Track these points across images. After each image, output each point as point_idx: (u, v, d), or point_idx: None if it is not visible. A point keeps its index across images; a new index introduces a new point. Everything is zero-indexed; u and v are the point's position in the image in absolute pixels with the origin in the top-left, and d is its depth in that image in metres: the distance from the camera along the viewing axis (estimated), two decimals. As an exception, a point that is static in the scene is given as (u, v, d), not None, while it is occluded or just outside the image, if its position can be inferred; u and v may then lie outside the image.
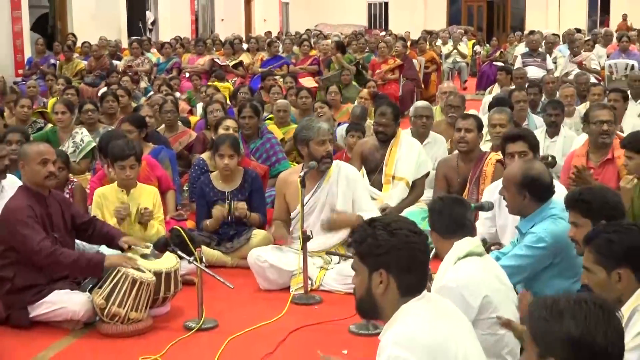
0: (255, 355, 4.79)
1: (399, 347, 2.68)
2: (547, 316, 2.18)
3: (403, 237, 2.81)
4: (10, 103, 10.51)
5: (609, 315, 2.15)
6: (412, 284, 2.83)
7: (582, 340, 2.10)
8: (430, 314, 2.80)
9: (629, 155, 5.24)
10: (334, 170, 6.17)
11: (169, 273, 5.31)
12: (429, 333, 2.71)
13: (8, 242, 5.18)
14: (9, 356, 4.83)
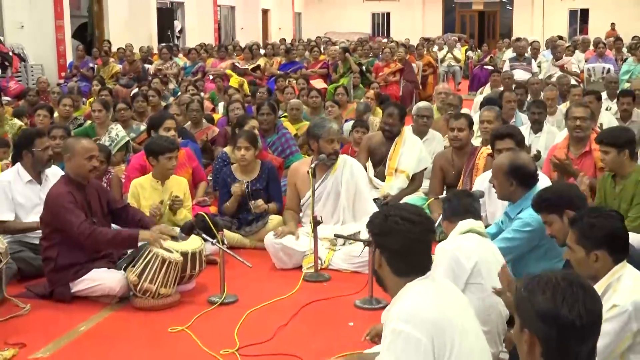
0: (271, 326, 4.78)
1: (403, 322, 2.68)
2: (524, 292, 2.19)
3: (393, 224, 2.83)
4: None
5: (579, 291, 2.13)
6: (403, 266, 2.85)
7: (548, 314, 2.10)
8: (432, 292, 2.80)
9: (605, 150, 5.20)
10: (340, 163, 6.20)
11: (195, 253, 5.32)
12: (430, 310, 2.71)
13: (52, 225, 5.21)
14: (54, 327, 4.84)
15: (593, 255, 3.15)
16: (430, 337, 2.65)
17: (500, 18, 36.16)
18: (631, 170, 5.20)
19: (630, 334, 3.05)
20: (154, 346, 4.59)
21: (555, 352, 2.12)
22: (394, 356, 2.69)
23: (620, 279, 3.12)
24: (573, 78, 12.99)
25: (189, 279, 5.39)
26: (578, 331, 2.11)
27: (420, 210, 3.00)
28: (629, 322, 3.02)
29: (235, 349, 4.44)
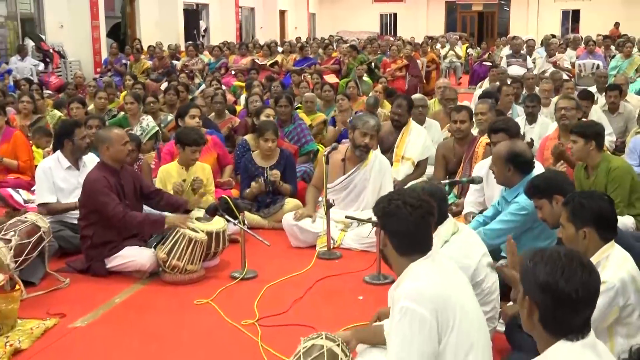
0: (288, 299, 4.80)
1: (409, 301, 2.69)
2: (529, 263, 2.21)
3: (396, 207, 2.84)
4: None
5: (578, 267, 2.14)
6: (406, 246, 2.85)
7: (547, 284, 2.13)
8: (434, 272, 2.80)
9: (574, 139, 5.16)
10: (372, 158, 6.19)
11: (218, 233, 5.33)
12: (433, 288, 2.71)
13: (89, 207, 5.23)
14: (91, 299, 4.87)
15: (582, 232, 3.15)
16: (434, 314, 2.66)
17: (498, 18, 35.94)
18: (599, 160, 5.15)
19: (617, 308, 3.05)
20: (181, 317, 4.60)
21: (551, 319, 2.14)
22: (403, 332, 2.69)
23: (609, 257, 3.13)
24: (565, 73, 12.94)
25: (213, 256, 5.41)
26: (573, 303, 2.12)
27: (422, 194, 2.99)
28: (616, 297, 3.02)
29: (255, 320, 4.46)
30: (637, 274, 3.11)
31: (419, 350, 2.66)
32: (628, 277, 3.05)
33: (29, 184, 7.05)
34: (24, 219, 5.17)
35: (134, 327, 4.46)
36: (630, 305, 3.06)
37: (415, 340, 2.66)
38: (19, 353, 4.04)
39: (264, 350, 4.04)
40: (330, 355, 3.13)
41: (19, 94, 10.19)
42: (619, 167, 5.09)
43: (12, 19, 17.42)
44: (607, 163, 5.11)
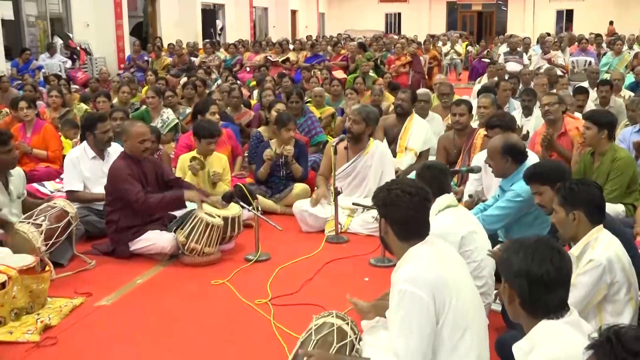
0: (299, 280, 4.81)
1: (408, 283, 2.68)
2: (506, 253, 2.25)
3: (394, 196, 2.84)
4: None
5: (547, 251, 2.19)
6: (405, 231, 2.84)
7: (521, 270, 2.17)
8: (431, 256, 2.79)
9: (588, 126, 5.17)
10: (373, 147, 6.20)
11: (234, 218, 5.34)
12: (431, 271, 2.71)
13: (114, 193, 5.25)
14: (116, 279, 4.90)
15: (572, 215, 3.14)
16: (431, 295, 2.65)
17: (496, 17, 35.83)
18: (607, 149, 5.16)
19: (605, 286, 3.05)
20: (199, 296, 4.62)
21: (530, 301, 2.19)
22: (401, 313, 2.69)
23: (597, 239, 3.12)
24: (559, 69, 12.86)
25: (229, 240, 5.42)
26: (547, 284, 2.16)
27: (418, 183, 2.99)
28: (603, 274, 3.02)
29: (267, 299, 4.47)
30: (623, 254, 3.11)
31: (418, 330, 2.65)
32: (614, 256, 3.05)
33: (58, 173, 7.07)
34: (54, 205, 5.19)
35: (155, 306, 4.48)
36: (617, 283, 3.06)
37: (414, 321, 2.65)
38: (48, 329, 4.06)
39: (276, 327, 4.05)
40: (340, 333, 3.13)
41: (49, 88, 10.20)
42: (623, 158, 5.10)
43: (42, 18, 17.44)
44: (614, 152, 5.13)
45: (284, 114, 6.72)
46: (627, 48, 16.08)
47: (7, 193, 5.07)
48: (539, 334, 2.13)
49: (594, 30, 23.76)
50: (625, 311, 3.11)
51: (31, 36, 16.94)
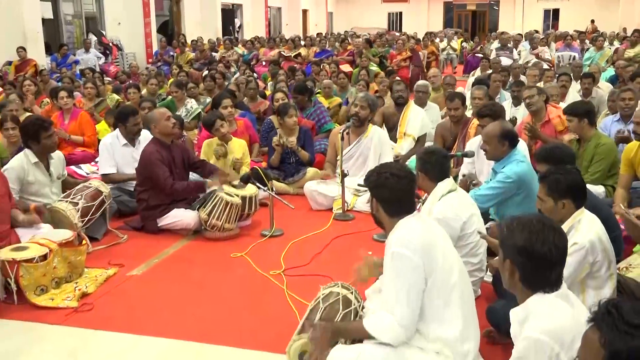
0: (309, 254, 4.82)
1: (400, 246, 2.71)
2: (507, 229, 2.20)
3: (382, 179, 2.86)
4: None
5: (550, 231, 2.15)
6: (395, 209, 2.87)
7: (525, 247, 2.12)
8: (419, 224, 2.82)
9: (569, 119, 5.18)
10: (372, 131, 6.20)
11: (251, 197, 5.34)
12: (420, 236, 2.74)
13: (144, 175, 5.27)
14: (146, 252, 4.92)
15: (560, 204, 3.11)
16: (420, 257, 2.67)
17: (488, 16, 35.45)
18: (592, 134, 5.13)
19: (588, 265, 3.04)
20: (220, 267, 4.64)
21: (530, 277, 2.15)
22: (394, 273, 2.72)
23: (580, 221, 3.09)
24: (546, 63, 12.76)
25: (247, 217, 5.43)
26: (548, 262, 2.13)
27: (404, 166, 3.01)
28: (586, 255, 3.01)
29: (281, 271, 4.48)
30: (603, 234, 3.09)
31: (408, 288, 2.67)
32: (596, 238, 3.03)
33: (93, 156, 7.09)
34: (89, 185, 5.21)
35: (180, 276, 4.50)
36: (598, 262, 3.04)
37: (405, 280, 2.67)
38: (86, 296, 4.10)
39: (289, 296, 4.06)
40: (345, 301, 3.14)
41: (84, 81, 10.20)
42: (606, 144, 5.08)
43: (78, 17, 17.41)
44: (597, 139, 5.10)
45: (284, 104, 6.70)
46: (608, 44, 15.90)
47: (48, 174, 5.09)
48: (535, 305, 2.11)
49: (578, 28, 23.57)
50: (606, 286, 3.10)
51: (68, 33, 16.94)
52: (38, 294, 3.99)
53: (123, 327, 3.68)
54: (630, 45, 13.93)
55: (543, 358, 1.98)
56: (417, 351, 2.73)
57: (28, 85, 9.25)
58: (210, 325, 3.70)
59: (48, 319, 3.79)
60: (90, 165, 6.82)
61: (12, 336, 3.61)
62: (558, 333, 1.99)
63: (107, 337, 3.59)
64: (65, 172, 5.50)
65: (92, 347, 3.49)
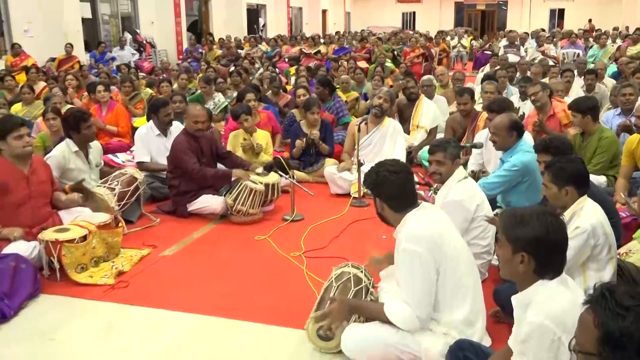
0: (327, 237, 4.82)
1: (409, 242, 2.68)
2: (516, 223, 2.12)
3: (381, 177, 2.82)
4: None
5: (556, 221, 2.12)
6: (399, 204, 2.82)
7: (543, 238, 2.07)
8: (425, 217, 2.78)
9: (574, 115, 5.10)
10: (387, 123, 6.28)
11: (274, 185, 5.34)
12: (428, 229, 2.70)
13: (174, 163, 5.28)
14: (177, 234, 4.95)
15: (564, 191, 3.08)
16: (429, 250, 2.65)
17: (497, 15, 34.97)
18: (595, 129, 5.06)
19: (589, 248, 3.01)
20: (244, 249, 4.66)
21: (543, 265, 2.10)
22: (407, 269, 2.69)
23: (583, 208, 3.07)
24: (551, 60, 12.58)
25: (269, 203, 5.43)
26: (559, 248, 2.11)
27: (399, 162, 2.95)
28: (588, 239, 2.98)
29: (301, 252, 4.49)
30: (604, 220, 3.06)
31: (421, 281, 2.66)
32: (597, 223, 3.00)
33: (128, 146, 7.14)
34: (125, 172, 5.25)
35: (208, 256, 4.52)
36: (599, 245, 3.02)
37: (417, 273, 2.66)
38: (121, 274, 4.14)
39: (308, 276, 4.07)
40: (356, 279, 3.16)
41: (120, 76, 10.27)
42: (608, 137, 5.01)
43: (115, 17, 17.49)
44: (600, 132, 5.04)
45: (309, 100, 6.67)
46: (610, 42, 15.64)
47: (87, 162, 5.14)
48: (537, 292, 2.08)
49: (582, 27, 23.19)
50: (606, 268, 3.07)
51: (105, 32, 17.03)
52: (78, 272, 4.04)
53: (155, 303, 3.71)
54: (632, 43, 13.69)
55: (546, 342, 1.96)
56: (427, 332, 2.74)
57: (70, 79, 9.34)
58: (235, 302, 3.72)
59: (87, 295, 3.84)
60: (125, 154, 6.86)
61: (56, 310, 3.66)
62: (560, 318, 1.97)
63: (140, 311, 3.63)
64: (102, 160, 5.54)
65: (127, 320, 3.53)
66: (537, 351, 1.97)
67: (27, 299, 3.70)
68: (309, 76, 10.44)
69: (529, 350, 2.00)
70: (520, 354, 2.04)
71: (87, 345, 3.25)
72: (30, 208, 4.20)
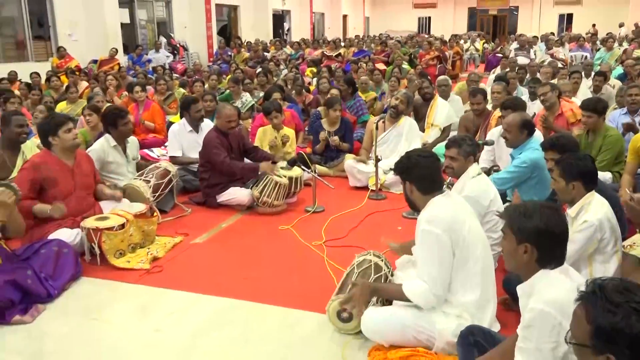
0: (346, 228, 4.81)
1: (428, 224, 2.68)
2: (521, 216, 2.13)
3: (413, 161, 2.83)
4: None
5: (557, 214, 2.12)
6: (427, 187, 2.81)
7: (546, 229, 2.07)
8: (447, 202, 2.78)
9: (589, 115, 4.97)
10: (404, 121, 6.27)
11: (297, 178, 5.35)
12: (447, 213, 2.70)
13: (205, 158, 5.31)
14: (207, 223, 4.98)
15: (571, 185, 3.04)
16: (446, 232, 2.64)
17: (508, 20, 34.44)
18: (602, 127, 4.97)
19: (596, 241, 2.97)
20: (269, 238, 4.67)
21: (546, 255, 2.10)
22: (424, 247, 2.70)
23: (590, 202, 3.02)
24: (560, 62, 12.38)
25: (293, 195, 5.44)
26: (561, 240, 2.10)
27: (427, 150, 3.01)
28: (595, 232, 2.95)
29: (322, 242, 4.49)
30: (611, 215, 3.02)
31: (438, 260, 2.65)
32: (604, 217, 2.96)
33: (162, 141, 7.20)
34: (159, 166, 5.29)
35: (236, 244, 4.54)
36: (605, 239, 2.98)
37: (435, 253, 2.65)
38: (156, 260, 4.19)
39: (328, 263, 4.07)
40: (376, 267, 3.16)
41: (156, 77, 10.35)
42: (613, 135, 4.92)
43: (151, 22, 17.62)
44: (606, 131, 4.94)
45: (331, 98, 6.67)
46: (617, 45, 15.34)
47: (125, 156, 5.19)
48: (539, 281, 2.07)
49: (590, 31, 22.77)
50: (612, 260, 3.03)
51: (142, 36, 17.17)
52: (117, 257, 4.10)
53: (187, 286, 3.74)
54: (638, 46, 13.40)
55: (547, 327, 1.95)
56: (441, 314, 2.73)
57: (110, 80, 9.45)
58: (260, 286, 3.73)
59: (125, 278, 3.89)
60: (160, 149, 6.92)
61: (96, 292, 3.72)
62: (560, 304, 1.95)
63: (173, 294, 3.66)
64: (138, 154, 5.59)
65: (160, 302, 3.56)
66: (540, 335, 1.97)
67: (69, 281, 3.76)
68: (329, 77, 10.42)
69: (532, 335, 1.99)
70: (524, 339, 2.03)
71: (124, 325, 3.29)
72: (75, 199, 4.26)
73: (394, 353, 2.75)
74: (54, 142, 4.21)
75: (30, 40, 13.22)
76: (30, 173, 4.04)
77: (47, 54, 13.63)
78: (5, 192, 3.30)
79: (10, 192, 3.33)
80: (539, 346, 1.96)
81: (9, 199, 3.32)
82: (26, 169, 4.09)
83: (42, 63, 12.85)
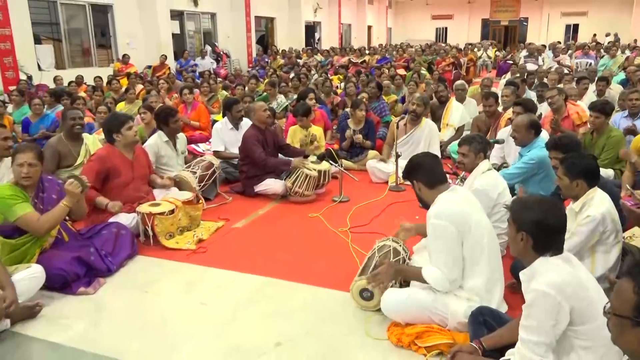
0: (369, 216, 4.79)
1: (436, 218, 2.64)
2: (522, 207, 2.12)
3: (415, 162, 2.83)
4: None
5: (555, 207, 2.09)
6: (431, 180, 2.77)
7: (542, 221, 2.05)
8: (455, 198, 2.73)
9: (597, 116, 4.84)
10: (424, 123, 6.14)
11: (325, 171, 5.34)
12: (454, 207, 2.65)
13: (244, 152, 5.34)
14: (245, 210, 5.01)
15: (575, 183, 2.96)
16: (455, 225, 2.60)
17: (518, 30, 33.68)
18: (606, 128, 4.84)
19: (598, 234, 2.89)
20: (300, 224, 4.68)
21: (541, 243, 2.08)
22: (437, 242, 2.66)
23: (593, 198, 2.94)
24: (566, 68, 12.07)
25: (321, 186, 5.43)
26: (556, 231, 2.07)
27: (427, 152, 2.99)
28: (597, 226, 2.87)
29: (347, 228, 4.48)
30: (612, 209, 2.92)
31: (449, 250, 2.62)
32: (606, 211, 2.87)
33: (207, 138, 7.25)
34: (203, 159, 5.35)
35: (271, 228, 4.56)
36: (607, 231, 2.89)
37: (446, 244, 2.62)
38: (201, 241, 4.23)
39: (352, 248, 4.06)
40: (395, 252, 3.13)
41: (202, 80, 10.44)
42: (615, 136, 4.80)
43: (198, 32, 17.76)
44: (609, 131, 4.83)
45: (357, 100, 6.63)
46: (620, 52, 14.88)
47: (175, 150, 5.25)
48: (539, 266, 2.05)
49: (592, 40, 22.10)
50: (613, 251, 2.95)
51: (190, 44, 17.32)
52: (167, 239, 4.16)
53: (227, 265, 3.78)
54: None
55: (546, 306, 1.93)
56: (453, 297, 2.71)
57: (162, 83, 9.56)
58: (292, 267, 3.74)
59: (174, 257, 3.94)
60: (205, 144, 6.99)
61: (149, 269, 3.78)
62: (559, 285, 1.93)
63: (215, 272, 3.70)
64: (186, 149, 5.66)
65: (205, 279, 3.60)
66: (540, 314, 1.95)
67: (126, 258, 3.83)
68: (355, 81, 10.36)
69: (533, 313, 1.97)
70: (526, 317, 2.02)
71: (173, 298, 3.34)
72: (133, 188, 4.33)
73: (410, 329, 2.74)
74: (117, 139, 4.29)
75: (94, 48, 13.49)
76: (97, 164, 4.13)
77: (109, 60, 13.90)
78: (74, 184, 3.41)
79: (78, 183, 3.43)
80: (540, 324, 1.95)
81: (77, 189, 3.41)
82: (93, 160, 4.17)
83: (104, 68, 13.11)
